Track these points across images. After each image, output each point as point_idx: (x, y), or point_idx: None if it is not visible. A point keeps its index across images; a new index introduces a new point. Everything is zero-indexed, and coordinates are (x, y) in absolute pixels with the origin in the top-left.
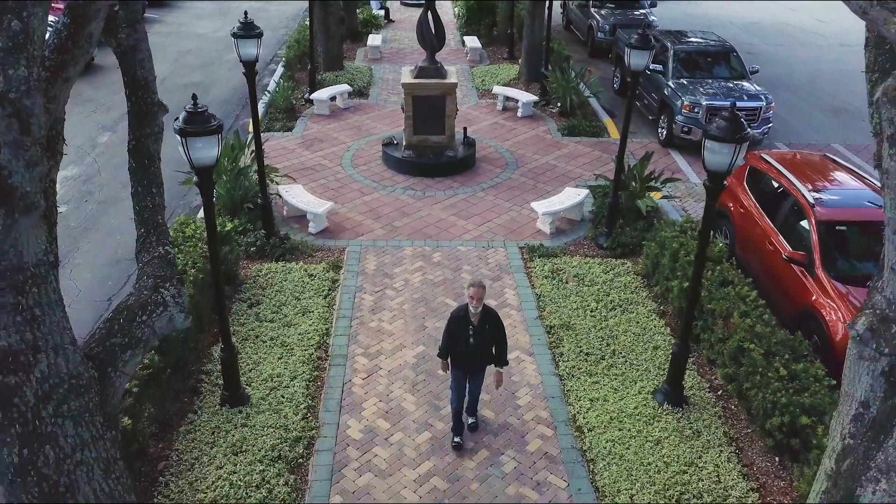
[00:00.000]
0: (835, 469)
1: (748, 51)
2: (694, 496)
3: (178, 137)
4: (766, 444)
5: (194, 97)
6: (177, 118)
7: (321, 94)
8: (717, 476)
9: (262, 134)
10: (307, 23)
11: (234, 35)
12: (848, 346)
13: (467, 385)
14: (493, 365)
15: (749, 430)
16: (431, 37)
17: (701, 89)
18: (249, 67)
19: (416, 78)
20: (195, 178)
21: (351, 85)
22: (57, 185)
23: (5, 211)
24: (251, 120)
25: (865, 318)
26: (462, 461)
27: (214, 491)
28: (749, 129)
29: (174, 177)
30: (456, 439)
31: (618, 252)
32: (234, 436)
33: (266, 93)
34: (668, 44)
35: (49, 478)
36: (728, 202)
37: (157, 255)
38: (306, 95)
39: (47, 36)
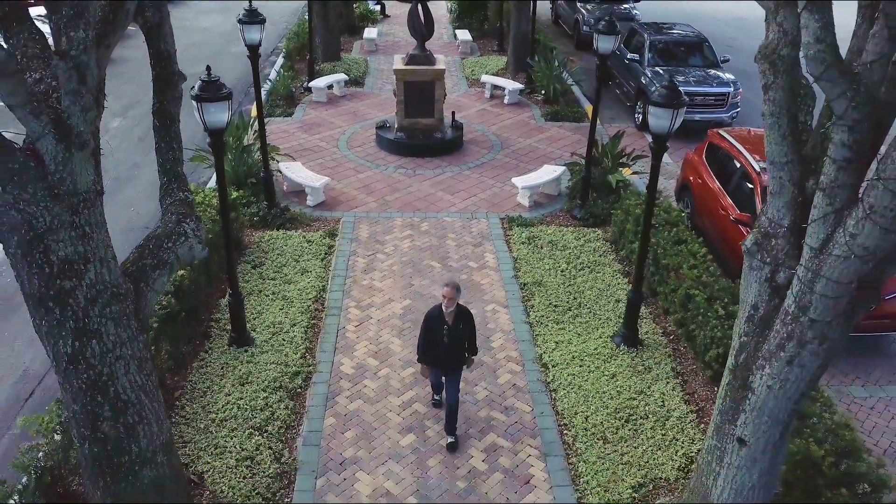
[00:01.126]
0: (734, 363)
1: (728, 44)
2: (641, 417)
3: (194, 103)
4: (706, 376)
5: (208, 68)
6: (193, 86)
7: (319, 83)
8: (663, 402)
9: (263, 119)
10: (307, 17)
11: (240, 21)
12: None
13: (444, 393)
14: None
15: (693, 366)
16: (421, 27)
17: (674, 76)
18: (253, 51)
19: (406, 65)
20: (208, 140)
21: (347, 74)
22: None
23: (65, 146)
24: (254, 104)
25: (753, 235)
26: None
27: (224, 412)
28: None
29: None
30: (436, 397)
31: (590, 222)
32: (240, 370)
33: (268, 81)
34: (645, 35)
35: (95, 367)
36: (689, 176)
37: (178, 198)
38: (305, 84)
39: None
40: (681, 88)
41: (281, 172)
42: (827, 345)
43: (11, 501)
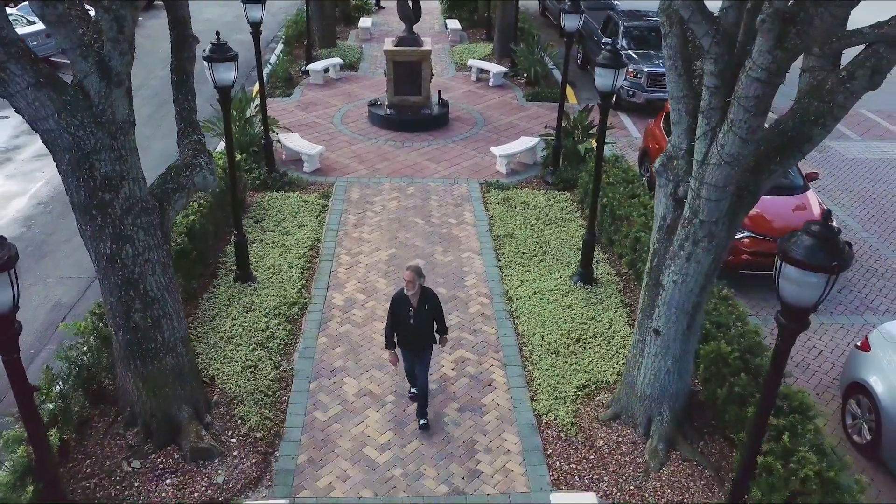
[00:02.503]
0: (650, 267)
1: None
2: (590, 337)
3: (205, 63)
4: None
5: (217, 34)
6: (204, 49)
7: (316, 66)
8: (610, 325)
9: (264, 91)
10: (304, 6)
11: (244, 0)
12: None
13: (416, 374)
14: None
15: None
16: (409, 12)
17: (644, 59)
18: (255, 27)
19: (396, 46)
20: (218, 98)
21: (343, 59)
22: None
23: (106, 83)
24: (256, 84)
25: (660, 158)
26: None
27: (231, 332)
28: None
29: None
30: (412, 390)
31: (560, 186)
32: (244, 300)
33: (268, 64)
34: (620, 21)
35: (128, 266)
36: (649, 143)
37: (193, 139)
38: (303, 67)
39: None
40: (649, 70)
41: (280, 143)
42: (715, 242)
43: (57, 387)
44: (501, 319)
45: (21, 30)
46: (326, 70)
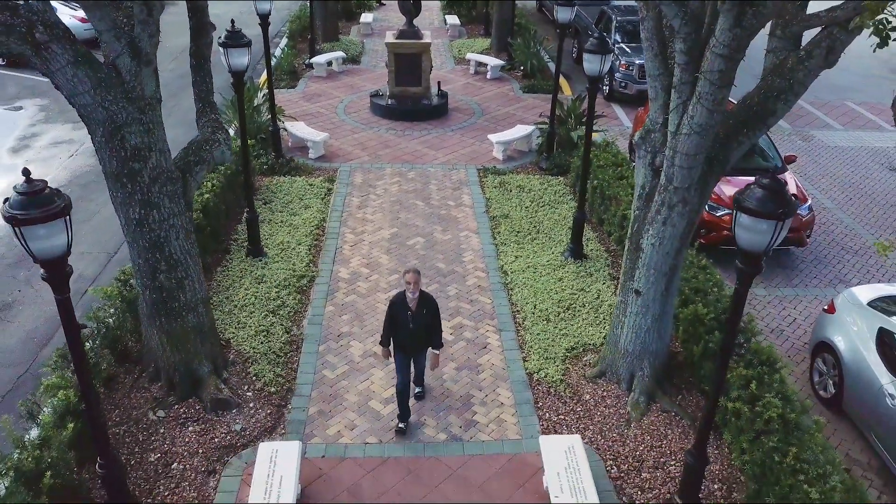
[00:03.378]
0: (631, 232)
1: None
2: (579, 306)
3: (221, 49)
4: None
5: (232, 21)
6: (220, 36)
7: (320, 59)
8: (598, 296)
9: (272, 79)
10: (308, 2)
11: None
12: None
13: (411, 365)
14: (430, 348)
15: None
16: (410, 6)
17: (636, 52)
18: (264, 19)
19: (397, 38)
20: (232, 82)
21: (345, 53)
22: None
23: (136, 62)
24: (262, 76)
25: (639, 132)
26: None
27: (244, 301)
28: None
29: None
30: (400, 425)
31: (554, 171)
32: (256, 273)
33: (273, 58)
34: (613, 16)
35: (155, 231)
36: (637, 128)
37: (210, 118)
38: (307, 60)
39: None
40: (640, 62)
41: (286, 130)
42: (688, 207)
43: (88, 344)
44: (497, 290)
45: None
46: (329, 63)
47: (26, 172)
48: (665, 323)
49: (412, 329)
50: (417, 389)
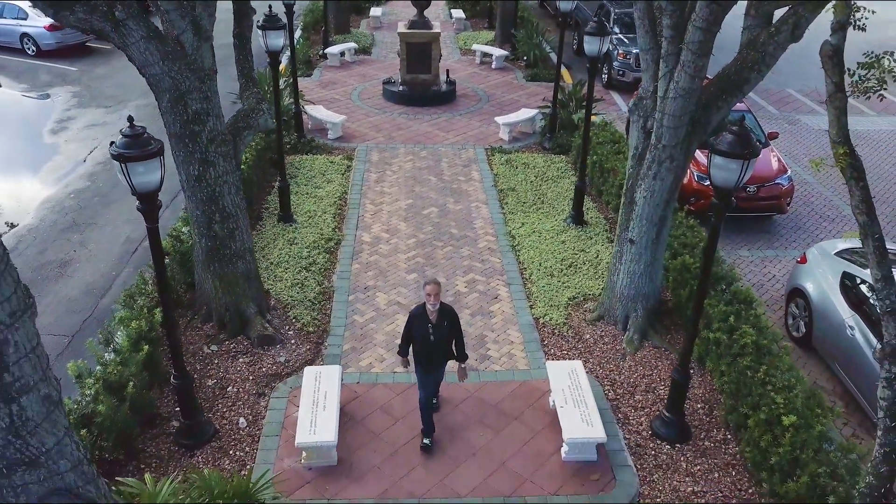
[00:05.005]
0: (626, 188)
1: None
2: (580, 263)
3: (259, 31)
4: None
5: (270, 7)
6: (258, 20)
7: (333, 50)
8: (597, 255)
9: (296, 63)
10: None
11: None
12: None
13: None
14: (455, 361)
15: None
16: None
17: (633, 42)
18: (289, 8)
19: (408, 29)
20: (268, 62)
21: (357, 44)
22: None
23: (198, 38)
24: (284, 58)
25: (633, 100)
26: (434, 251)
27: (278, 259)
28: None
29: (229, 97)
30: (425, 440)
31: (556, 151)
32: (288, 236)
33: (283, 53)
34: (610, 8)
35: (211, 186)
36: None
37: (252, 91)
38: (321, 51)
39: None
40: (637, 51)
41: (307, 113)
42: (675, 163)
43: (148, 286)
44: (505, 251)
45: None
46: (342, 54)
47: (130, 119)
48: (656, 269)
49: (433, 342)
50: (426, 441)
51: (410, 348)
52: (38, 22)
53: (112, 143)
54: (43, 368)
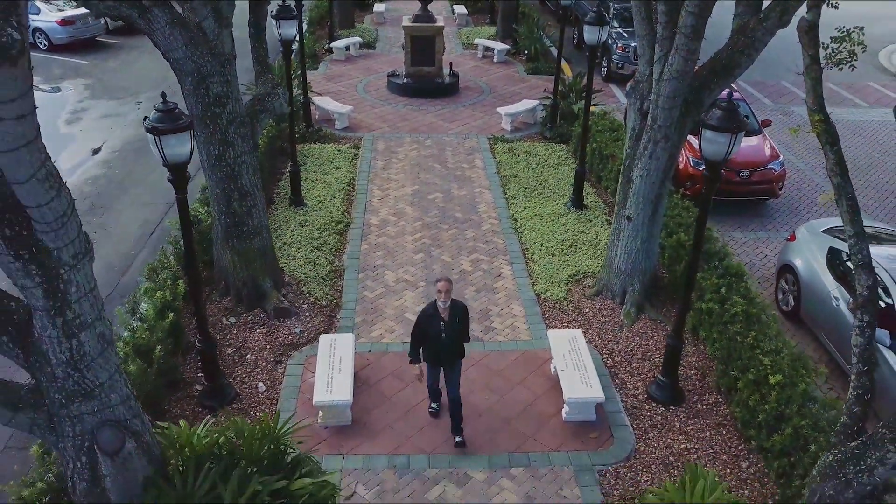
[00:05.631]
0: (623, 168)
1: None
2: (580, 244)
3: (273, 21)
4: None
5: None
6: (272, 11)
7: (339, 44)
8: (596, 236)
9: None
10: None
11: None
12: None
13: (445, 389)
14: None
15: None
16: None
17: (632, 36)
18: (298, 1)
19: (413, 22)
20: (281, 49)
21: (362, 38)
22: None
23: (218, 24)
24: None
25: (630, 83)
26: (439, 233)
27: (291, 239)
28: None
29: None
30: (433, 405)
31: (557, 140)
32: (299, 219)
33: (296, 42)
34: (611, 4)
35: (230, 165)
36: None
37: (267, 77)
38: (327, 45)
39: None
40: (636, 44)
41: (314, 104)
42: (670, 143)
43: (172, 258)
44: (508, 233)
45: (71, 12)
46: (347, 48)
47: (164, 95)
48: (652, 245)
49: (445, 339)
50: (457, 438)
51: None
52: (49, 17)
53: (146, 117)
54: (98, 309)
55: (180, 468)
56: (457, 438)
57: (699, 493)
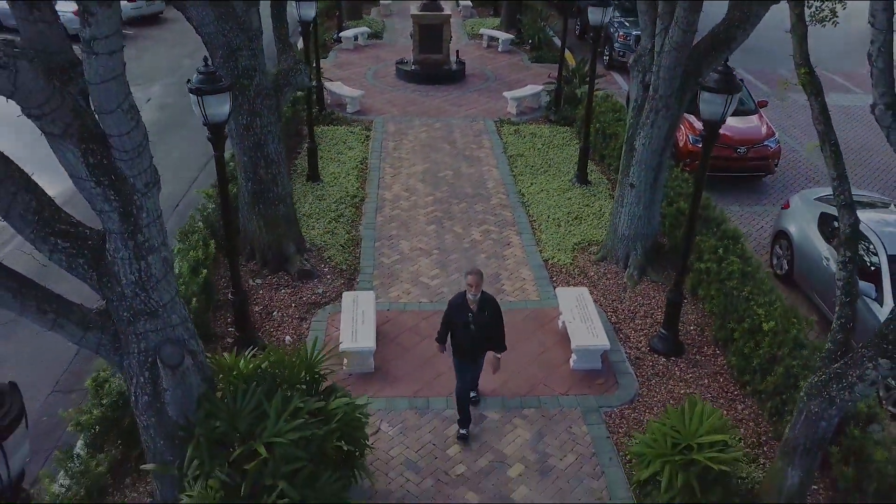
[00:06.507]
0: (627, 137)
1: None
2: (585, 216)
3: (294, 1)
4: None
5: None
6: None
7: (347, 33)
8: (600, 209)
9: (318, 37)
10: None
11: None
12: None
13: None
14: (493, 352)
15: None
16: None
17: (633, 25)
18: None
19: (421, 11)
20: (300, 30)
21: (370, 28)
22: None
23: (247, 4)
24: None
25: (633, 56)
26: (450, 207)
27: (309, 210)
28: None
29: None
30: (461, 431)
31: (561, 123)
32: (316, 193)
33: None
34: None
35: (257, 134)
36: None
37: (289, 54)
38: (335, 35)
39: None
40: (636, 33)
41: (326, 89)
42: (671, 112)
43: (199, 224)
44: (516, 207)
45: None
46: (356, 38)
47: (206, 59)
48: (654, 211)
49: (473, 331)
50: (472, 394)
51: (449, 338)
52: (66, 7)
53: (188, 80)
54: (163, 236)
55: (230, 388)
56: (461, 431)
57: (697, 415)
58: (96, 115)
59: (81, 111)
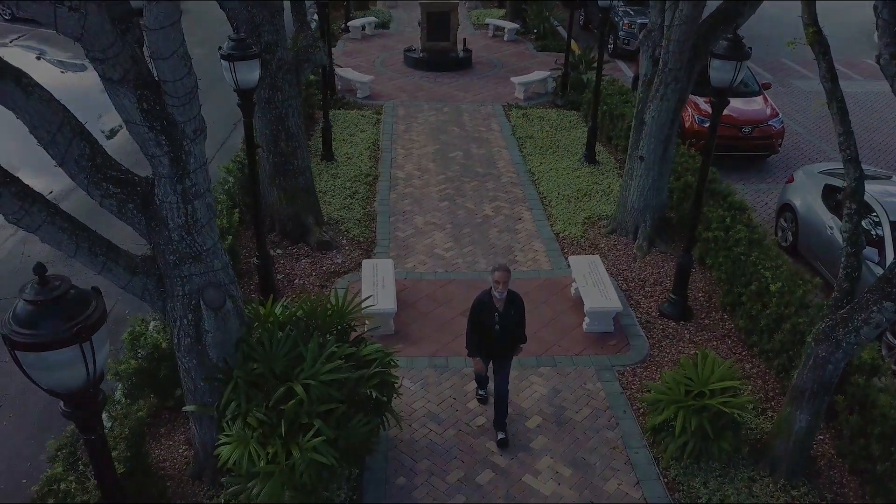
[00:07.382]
0: (637, 111)
1: None
2: (593, 193)
3: None
4: None
5: None
6: None
7: (355, 23)
8: (608, 186)
9: (329, 21)
10: None
11: None
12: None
13: (494, 380)
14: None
15: None
16: None
17: (638, 14)
18: None
19: None
20: (316, 11)
21: (377, 17)
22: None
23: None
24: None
25: (644, 31)
26: (462, 185)
27: (325, 187)
28: None
29: None
30: (480, 392)
31: (568, 107)
32: (331, 171)
33: (313, 21)
34: None
35: (278, 108)
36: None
37: (307, 33)
38: (343, 25)
39: None
40: (641, 21)
41: (337, 74)
42: (679, 85)
43: (225, 196)
44: (526, 184)
45: None
46: (363, 27)
47: (237, 30)
48: (663, 184)
49: (498, 330)
50: (500, 436)
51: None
52: None
53: (220, 47)
54: (209, 182)
55: (266, 334)
56: (500, 435)
57: (710, 364)
58: (151, 62)
59: (138, 58)
